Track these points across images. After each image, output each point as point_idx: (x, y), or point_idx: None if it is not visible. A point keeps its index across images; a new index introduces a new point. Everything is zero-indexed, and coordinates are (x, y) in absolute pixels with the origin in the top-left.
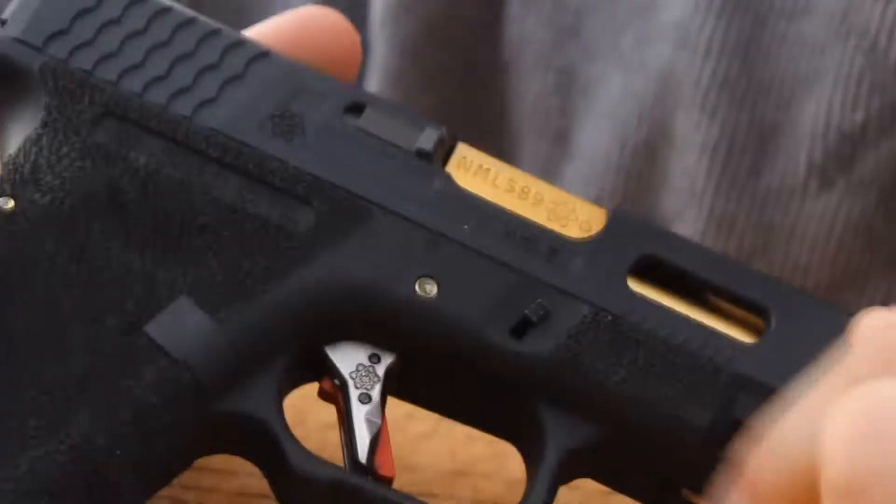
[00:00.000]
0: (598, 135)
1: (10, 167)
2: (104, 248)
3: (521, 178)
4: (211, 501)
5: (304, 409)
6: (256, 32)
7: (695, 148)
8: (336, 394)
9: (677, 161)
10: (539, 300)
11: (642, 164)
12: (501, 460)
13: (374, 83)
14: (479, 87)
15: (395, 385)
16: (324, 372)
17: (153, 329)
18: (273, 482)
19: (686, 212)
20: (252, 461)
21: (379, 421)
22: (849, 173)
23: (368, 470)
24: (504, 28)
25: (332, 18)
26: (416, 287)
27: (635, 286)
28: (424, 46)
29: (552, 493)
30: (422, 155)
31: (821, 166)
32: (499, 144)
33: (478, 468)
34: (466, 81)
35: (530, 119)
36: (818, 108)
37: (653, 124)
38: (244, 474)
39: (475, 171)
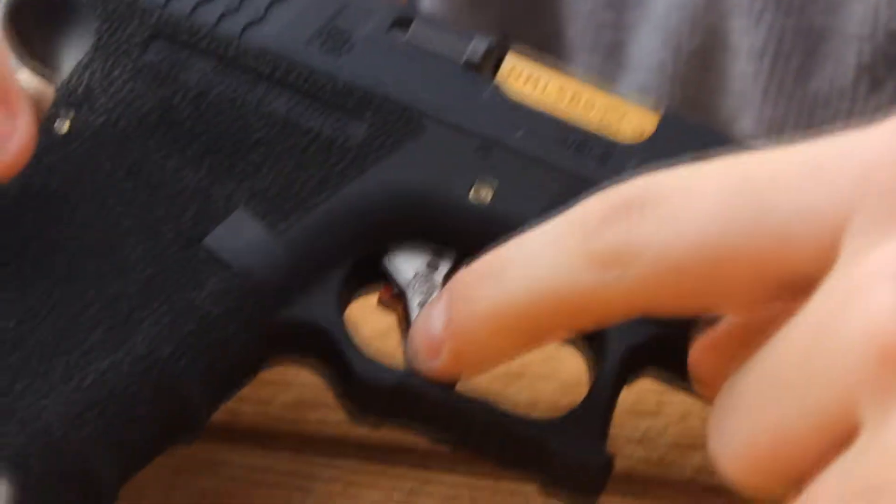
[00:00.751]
0: (651, 45)
1: (65, 91)
2: (160, 166)
3: (571, 85)
4: (267, 412)
5: (359, 320)
6: None
7: (744, 54)
8: (395, 302)
9: (732, 66)
10: None
11: (697, 71)
12: (556, 362)
13: (425, 4)
14: (531, 8)
15: None
16: (382, 281)
17: (212, 241)
18: (336, 390)
19: (740, 117)
20: (314, 370)
21: None
22: None
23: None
24: None
25: None
26: (471, 192)
27: None
28: None
29: (616, 392)
30: (470, 65)
31: (870, 67)
32: (553, 62)
33: (533, 370)
34: (518, 2)
35: (584, 35)
36: (865, 10)
37: (706, 31)
38: (299, 385)
39: (525, 80)
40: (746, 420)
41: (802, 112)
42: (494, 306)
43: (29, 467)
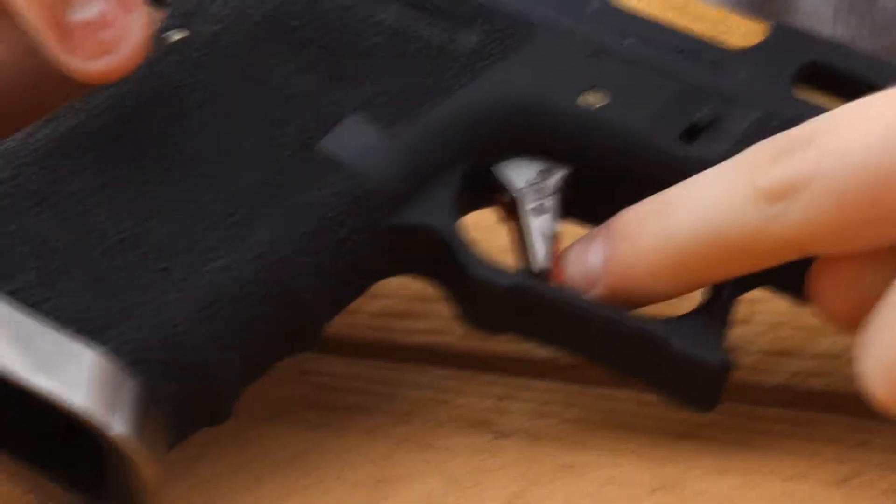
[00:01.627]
0: None
1: (178, 1)
2: (273, 71)
3: None
4: (355, 322)
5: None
6: None
7: None
8: (509, 209)
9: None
10: (706, 106)
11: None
12: None
13: None
14: None
15: (567, 200)
16: (496, 189)
17: (327, 144)
18: (453, 295)
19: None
20: (430, 277)
21: (552, 233)
22: None
23: (545, 279)
24: None
25: None
26: (582, 98)
27: (801, 93)
28: None
29: (733, 298)
30: None
31: None
32: None
33: None
34: None
35: None
36: None
37: None
38: (384, 296)
39: None
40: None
41: (874, 31)
42: (657, 244)
43: (151, 362)
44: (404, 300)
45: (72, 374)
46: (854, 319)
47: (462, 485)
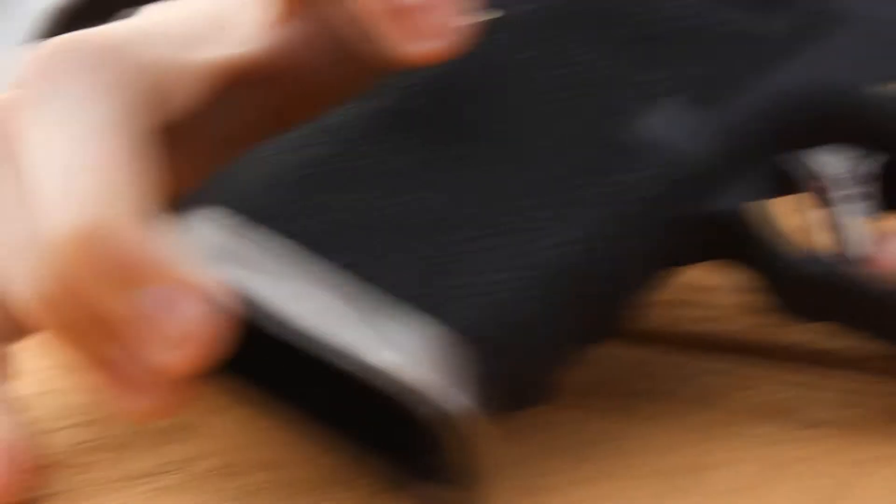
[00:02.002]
0: None
1: None
2: (589, 53)
3: None
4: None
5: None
6: None
7: None
8: (822, 197)
9: None
10: None
11: None
12: None
13: None
14: None
15: (882, 189)
16: (809, 175)
17: (645, 125)
18: (765, 282)
19: None
20: (743, 264)
21: (866, 222)
22: None
23: (862, 267)
24: None
25: None
26: (889, 85)
27: None
28: None
29: None
30: None
31: None
32: None
33: None
34: None
35: None
36: None
37: None
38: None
39: None
40: None
41: None
42: None
43: (484, 341)
44: (681, 289)
45: (412, 350)
46: None
47: (783, 473)
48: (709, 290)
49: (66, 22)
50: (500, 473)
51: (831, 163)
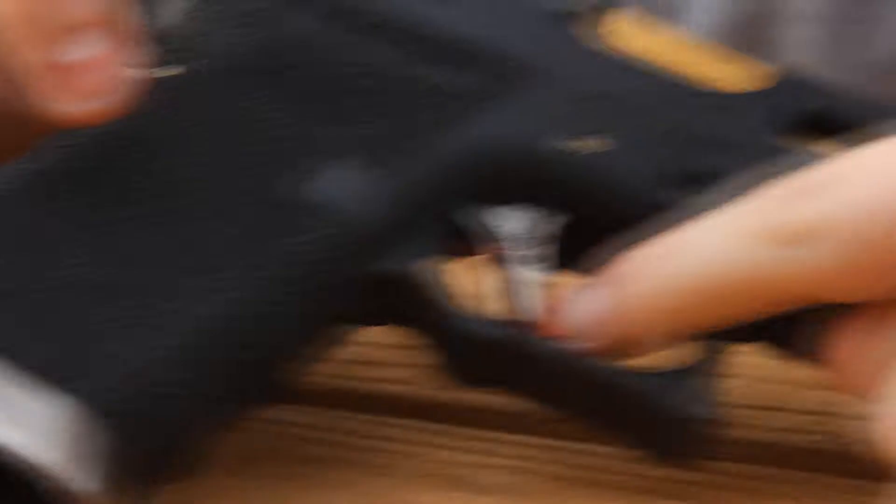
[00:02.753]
0: (704, 13)
1: (168, 37)
2: (261, 110)
3: (678, 40)
4: (322, 369)
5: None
6: None
7: (801, 20)
8: (499, 257)
9: (786, 33)
10: (707, 154)
11: (749, 37)
12: None
13: None
14: None
15: (561, 250)
16: (485, 236)
17: (312, 188)
18: (433, 348)
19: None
20: (413, 326)
21: (541, 283)
22: None
23: (532, 331)
24: None
25: None
26: (579, 144)
27: (804, 141)
28: None
29: (721, 351)
30: (576, 19)
31: None
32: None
33: None
34: None
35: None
36: None
37: None
38: (353, 344)
39: (631, 35)
40: None
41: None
42: (663, 287)
43: (123, 413)
44: (375, 347)
45: (42, 426)
46: (867, 381)
47: None
48: (395, 348)
49: None
50: None
51: (509, 223)
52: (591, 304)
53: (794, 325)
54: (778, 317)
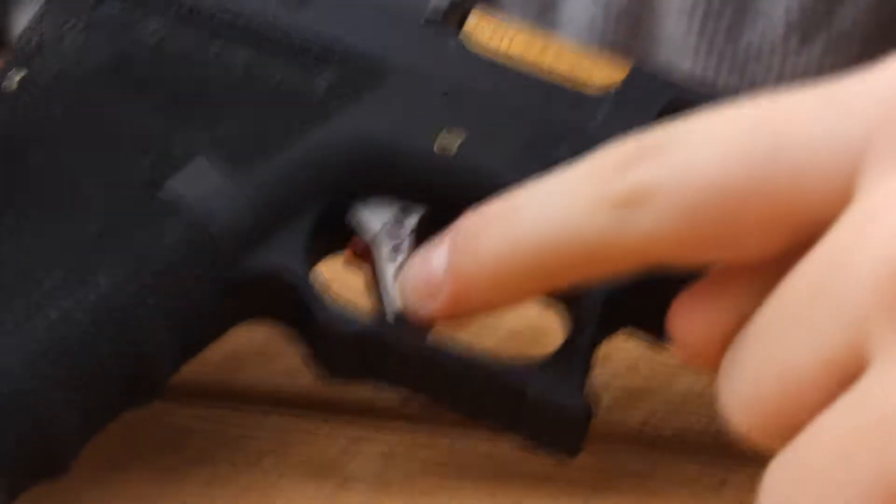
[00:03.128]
0: (582, 4)
1: (20, 43)
2: (116, 114)
3: (538, 40)
4: (203, 367)
5: (331, 279)
6: None
7: (674, 13)
8: (366, 251)
9: (660, 25)
10: (564, 145)
11: (627, 29)
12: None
13: None
14: None
15: (419, 242)
16: (352, 231)
17: (172, 188)
18: (304, 344)
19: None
20: (283, 324)
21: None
22: (828, 27)
23: (400, 324)
24: None
25: None
26: (436, 142)
27: None
28: None
29: (594, 342)
30: (435, 16)
31: (798, 23)
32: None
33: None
34: None
35: None
36: None
37: None
38: (232, 339)
39: (491, 34)
40: (756, 360)
41: (734, 68)
42: (502, 249)
43: None
44: (253, 343)
45: None
46: (712, 355)
47: None
48: (279, 342)
49: None
50: None
51: (374, 218)
52: (431, 264)
53: (658, 309)
54: (646, 302)
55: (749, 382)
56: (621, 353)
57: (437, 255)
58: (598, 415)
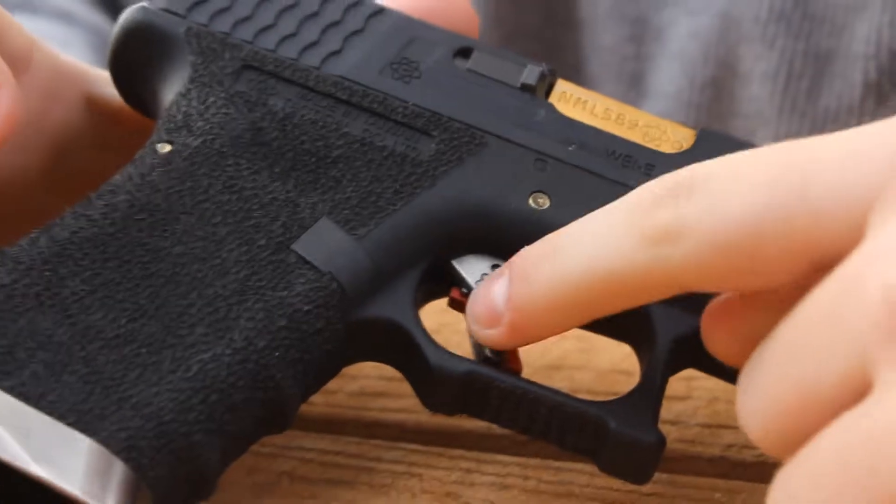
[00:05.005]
0: (669, 75)
1: (166, 117)
2: (251, 180)
3: (616, 107)
4: (334, 402)
5: (438, 322)
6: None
7: (757, 78)
8: (464, 301)
9: (743, 91)
10: None
11: (711, 97)
12: (589, 354)
13: None
14: (554, 45)
15: None
16: (453, 282)
17: (300, 247)
18: (413, 382)
19: (755, 136)
20: (393, 365)
21: None
22: None
23: (497, 365)
24: None
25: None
26: (530, 201)
27: None
28: (506, 7)
29: (665, 379)
30: (526, 88)
31: (875, 84)
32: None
33: (570, 362)
34: (544, 38)
35: (607, 67)
36: (869, 31)
37: (718, 60)
38: (362, 377)
39: (574, 102)
40: (771, 375)
41: (815, 128)
42: (552, 284)
43: (142, 448)
44: (379, 381)
45: (68, 461)
46: (739, 362)
47: None
48: (401, 380)
49: None
50: None
51: (473, 270)
52: (492, 295)
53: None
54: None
55: (764, 396)
56: (701, 388)
57: (498, 288)
58: (682, 446)
